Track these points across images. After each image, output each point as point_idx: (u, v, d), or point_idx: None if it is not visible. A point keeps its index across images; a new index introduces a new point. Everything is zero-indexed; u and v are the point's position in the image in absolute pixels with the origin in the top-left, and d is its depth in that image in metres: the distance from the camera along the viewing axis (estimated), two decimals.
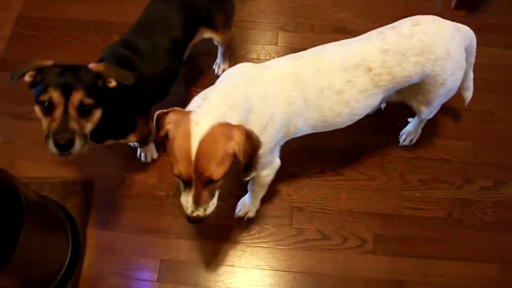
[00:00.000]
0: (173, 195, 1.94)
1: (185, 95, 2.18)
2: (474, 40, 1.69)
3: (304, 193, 1.95)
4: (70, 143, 1.34)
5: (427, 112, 1.75)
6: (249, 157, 1.27)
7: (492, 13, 2.39)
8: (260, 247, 1.85)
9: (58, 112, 1.34)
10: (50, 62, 1.42)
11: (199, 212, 1.29)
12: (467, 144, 2.04)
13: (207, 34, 1.92)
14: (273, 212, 1.91)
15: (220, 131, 1.21)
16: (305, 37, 2.32)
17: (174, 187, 1.96)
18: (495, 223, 1.88)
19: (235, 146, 1.22)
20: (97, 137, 1.63)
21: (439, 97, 1.63)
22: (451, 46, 1.52)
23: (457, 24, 1.61)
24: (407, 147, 2.03)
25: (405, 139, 2.02)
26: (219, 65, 2.21)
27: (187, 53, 2.23)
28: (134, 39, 1.69)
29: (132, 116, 1.71)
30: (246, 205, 1.86)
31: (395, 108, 2.04)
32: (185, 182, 1.26)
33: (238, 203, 1.89)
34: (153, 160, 2.03)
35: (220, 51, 2.16)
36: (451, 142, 2.05)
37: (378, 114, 2.10)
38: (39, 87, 1.36)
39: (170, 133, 1.25)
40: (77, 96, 1.34)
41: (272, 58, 2.23)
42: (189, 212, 1.29)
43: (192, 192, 1.26)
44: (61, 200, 1.92)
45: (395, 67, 1.49)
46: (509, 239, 1.85)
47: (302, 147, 1.98)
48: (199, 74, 2.25)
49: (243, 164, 1.28)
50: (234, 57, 2.28)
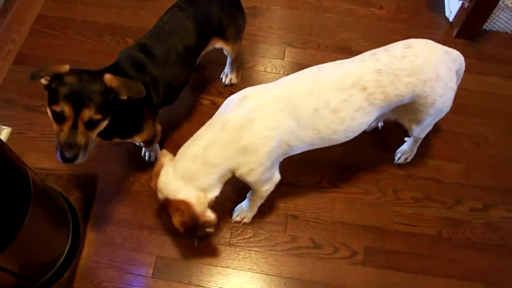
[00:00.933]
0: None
1: (192, 100, 2.27)
2: (464, 64, 1.77)
3: (300, 202, 2.01)
4: (75, 157, 1.43)
5: (418, 130, 1.82)
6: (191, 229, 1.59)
7: (492, 44, 2.49)
8: (254, 251, 1.90)
9: (67, 125, 1.41)
10: (67, 68, 1.44)
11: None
12: (460, 167, 2.11)
13: (219, 44, 2.00)
14: (269, 218, 1.97)
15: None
16: (311, 54, 2.40)
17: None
18: (482, 244, 1.93)
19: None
20: (105, 135, 1.69)
21: (429, 117, 1.70)
22: (441, 69, 1.59)
23: (448, 48, 1.69)
24: (402, 166, 2.10)
25: (400, 157, 2.09)
26: (227, 75, 2.29)
27: (198, 61, 2.32)
28: (150, 44, 1.76)
29: (140, 118, 1.76)
30: (244, 211, 1.92)
31: (392, 128, 2.11)
32: None
33: (236, 208, 1.95)
34: (157, 160, 2.08)
35: (229, 61, 2.24)
36: (445, 164, 2.12)
37: (376, 133, 2.17)
38: (53, 94, 1.41)
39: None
40: (88, 113, 1.40)
41: (278, 72, 2.35)
42: None
43: None
44: (65, 192, 1.99)
45: (389, 87, 1.56)
46: (494, 260, 1.91)
47: (302, 159, 2.03)
48: (207, 82, 2.34)
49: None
50: (242, 69, 2.37)
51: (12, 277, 1.66)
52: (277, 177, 1.72)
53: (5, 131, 2.11)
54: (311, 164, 2.10)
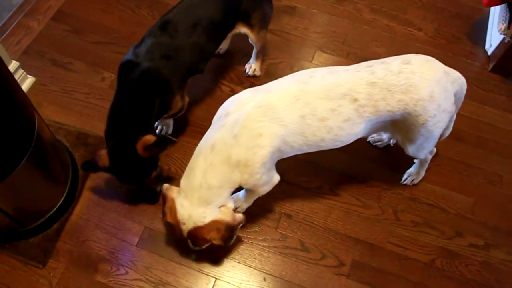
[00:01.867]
0: (175, 171, 2.02)
1: (213, 85, 2.29)
2: (465, 87, 1.70)
3: (297, 203, 1.99)
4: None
5: (413, 150, 1.76)
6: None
7: None
8: (240, 241, 1.89)
9: None
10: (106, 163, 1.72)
11: None
12: (468, 200, 2.04)
13: (243, 30, 2.01)
14: (262, 212, 1.96)
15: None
16: (339, 62, 2.39)
17: (177, 162, 2.04)
18: (475, 282, 1.86)
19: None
20: None
21: (421, 136, 1.65)
22: (436, 89, 1.54)
23: (448, 69, 1.63)
24: (407, 188, 2.05)
25: (407, 179, 2.04)
26: (251, 66, 2.30)
27: (226, 47, 2.34)
28: (175, 19, 1.78)
29: (171, 98, 1.81)
30: (240, 201, 1.91)
31: None
32: None
33: (232, 196, 1.93)
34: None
35: (254, 52, 2.25)
36: (453, 194, 2.05)
37: (387, 150, 2.13)
38: None
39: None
40: None
41: None
42: None
43: None
44: (72, 148, 2.03)
45: (380, 101, 1.53)
46: None
47: (307, 160, 2.02)
48: (232, 69, 2.35)
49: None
50: (269, 63, 2.37)
51: (5, 217, 1.71)
52: (276, 179, 1.72)
53: (29, 80, 2.18)
54: (316, 168, 2.07)
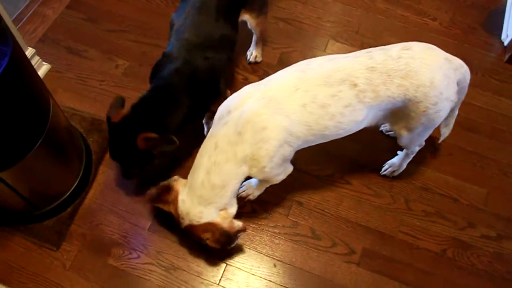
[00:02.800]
0: (191, 160, 2.03)
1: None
2: (468, 76, 1.67)
3: (308, 191, 1.99)
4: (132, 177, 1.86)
5: (407, 139, 1.74)
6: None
7: None
8: (251, 227, 1.90)
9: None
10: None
11: None
12: (481, 191, 2.02)
13: (245, 17, 2.01)
14: (274, 200, 1.96)
15: None
16: (352, 51, 2.35)
17: (186, 151, 2.05)
18: (486, 273, 1.85)
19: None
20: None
21: (421, 125, 1.62)
22: (437, 76, 1.52)
23: (450, 56, 1.61)
24: (420, 177, 2.04)
25: (387, 170, 2.02)
26: (252, 52, 2.30)
27: None
28: (190, 38, 1.77)
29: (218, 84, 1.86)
30: (251, 188, 1.92)
31: None
32: None
33: (244, 183, 1.94)
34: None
35: (254, 39, 2.25)
36: (466, 185, 2.03)
37: None
38: None
39: None
40: (125, 168, 1.81)
41: None
42: None
43: None
44: (86, 133, 2.06)
45: (380, 86, 1.51)
46: None
47: (320, 149, 1.99)
48: (237, 55, 2.34)
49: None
50: (282, 52, 2.37)
51: (21, 200, 1.74)
52: (290, 169, 1.72)
53: (45, 67, 2.21)
54: (327, 156, 2.07)
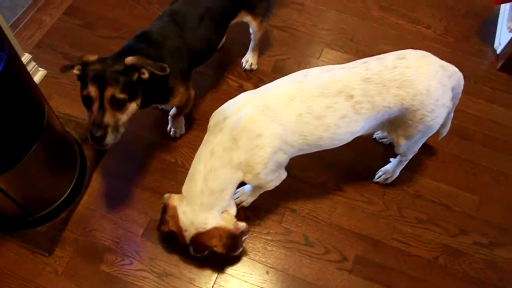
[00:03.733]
0: (181, 164, 2.05)
1: (215, 77, 2.31)
2: (462, 82, 1.69)
3: (302, 198, 2.00)
4: (103, 137, 1.51)
5: (405, 148, 1.76)
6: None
7: None
8: None
9: (95, 106, 1.51)
10: (95, 57, 1.56)
11: None
12: (474, 198, 2.03)
13: (246, 18, 2.03)
14: (267, 207, 1.97)
15: None
16: (347, 59, 2.39)
17: (184, 156, 2.06)
18: (478, 280, 1.85)
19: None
20: (142, 104, 1.74)
21: (419, 132, 1.64)
22: (433, 83, 1.53)
23: (445, 63, 1.62)
24: (412, 185, 2.05)
25: (381, 177, 2.03)
26: (247, 59, 2.31)
27: (223, 40, 2.34)
28: (182, 9, 1.81)
29: (173, 82, 1.80)
30: (245, 195, 1.93)
31: None
32: None
33: (238, 190, 1.95)
34: (181, 136, 2.13)
35: (251, 46, 2.27)
36: (458, 192, 2.04)
37: (393, 146, 2.12)
38: (82, 81, 1.53)
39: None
40: (110, 91, 1.49)
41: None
42: None
43: None
44: (80, 139, 2.06)
45: (376, 97, 1.52)
46: None
47: (313, 156, 2.00)
48: (231, 61, 2.37)
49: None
50: (277, 59, 2.38)
51: (14, 205, 1.74)
52: (284, 175, 1.73)
53: (41, 73, 2.22)
54: (321, 163, 2.08)
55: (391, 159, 2.01)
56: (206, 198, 1.59)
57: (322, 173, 2.06)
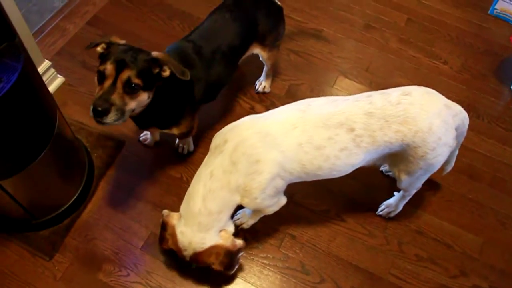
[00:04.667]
0: (186, 181, 2.07)
1: (228, 97, 2.34)
2: (467, 121, 1.68)
3: (302, 224, 2.00)
4: (105, 112, 1.44)
5: (407, 183, 1.74)
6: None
7: None
8: (242, 256, 1.90)
9: (107, 83, 1.47)
10: (123, 42, 1.58)
11: None
12: (477, 240, 2.00)
13: (257, 50, 2.06)
14: (267, 230, 1.97)
15: None
16: (360, 89, 2.40)
17: (190, 174, 2.08)
18: None
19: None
20: (142, 122, 1.78)
21: (420, 169, 1.63)
22: (435, 122, 1.53)
23: (450, 102, 1.62)
24: (415, 221, 2.03)
25: (383, 210, 2.01)
26: (261, 82, 2.34)
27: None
28: (199, 42, 1.83)
29: (181, 111, 1.82)
30: (246, 217, 1.93)
31: None
32: None
33: (239, 212, 1.96)
34: (189, 153, 2.16)
35: (265, 70, 2.29)
36: (462, 232, 2.02)
37: None
38: (103, 59, 1.51)
39: None
40: (127, 73, 1.46)
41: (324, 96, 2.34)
42: None
43: None
44: (91, 148, 2.10)
45: (377, 131, 1.53)
46: None
47: (317, 183, 2.00)
48: (245, 82, 2.40)
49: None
50: (291, 84, 2.41)
51: (20, 208, 1.78)
52: (283, 201, 1.74)
53: (59, 80, 2.28)
54: (325, 191, 2.08)
55: (395, 193, 2.00)
56: (204, 219, 1.60)
57: (325, 201, 2.06)
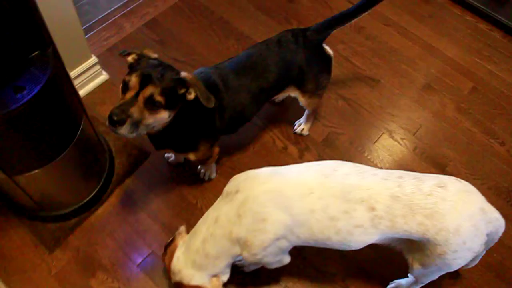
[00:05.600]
0: (200, 208, 2.02)
1: (263, 131, 2.27)
2: (502, 230, 1.51)
3: (304, 281, 1.90)
4: (119, 122, 1.40)
5: (419, 273, 1.61)
6: None
7: None
8: None
9: (129, 95, 1.44)
10: (155, 55, 1.54)
11: None
12: None
13: (294, 93, 1.97)
14: (267, 279, 1.89)
15: None
16: (402, 152, 2.26)
17: (206, 202, 2.04)
18: None
19: None
20: (158, 143, 1.75)
21: (435, 266, 1.50)
22: (465, 224, 1.39)
23: (488, 206, 1.46)
24: None
25: None
26: (300, 124, 2.25)
27: (283, 97, 2.29)
28: (228, 72, 1.77)
29: (199, 138, 1.77)
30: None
31: None
32: None
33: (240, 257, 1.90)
34: (210, 179, 2.12)
35: (306, 112, 2.19)
36: None
37: None
38: (131, 69, 1.49)
39: None
40: (150, 89, 1.42)
41: (360, 152, 2.22)
42: None
43: None
44: (116, 153, 2.11)
45: (399, 218, 1.41)
46: None
47: None
48: (284, 120, 2.32)
49: None
50: (331, 132, 2.30)
51: (31, 202, 1.81)
52: (286, 261, 1.67)
53: (103, 77, 2.29)
54: (337, 253, 1.96)
55: (410, 275, 1.87)
56: (199, 258, 1.56)
57: (335, 264, 1.96)
